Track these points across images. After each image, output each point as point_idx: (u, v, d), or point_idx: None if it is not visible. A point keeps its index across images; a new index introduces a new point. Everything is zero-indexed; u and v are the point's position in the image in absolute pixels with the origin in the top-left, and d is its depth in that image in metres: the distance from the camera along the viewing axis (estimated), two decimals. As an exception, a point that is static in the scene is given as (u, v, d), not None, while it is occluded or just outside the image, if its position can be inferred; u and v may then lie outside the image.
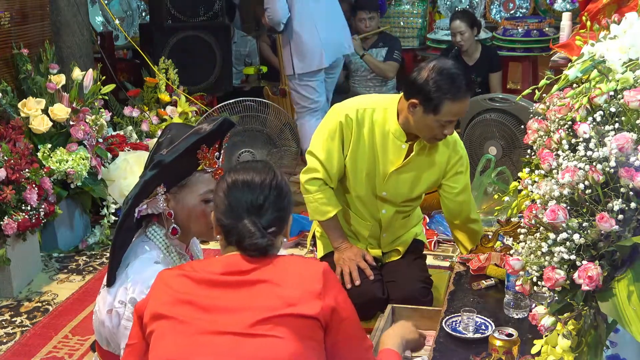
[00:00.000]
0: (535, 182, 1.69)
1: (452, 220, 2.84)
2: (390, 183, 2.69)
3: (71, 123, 3.75)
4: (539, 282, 1.57)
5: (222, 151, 1.93)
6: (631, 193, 1.46)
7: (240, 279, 1.56)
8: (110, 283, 1.85)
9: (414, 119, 2.52)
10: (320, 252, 2.93)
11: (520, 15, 5.92)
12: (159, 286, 1.60)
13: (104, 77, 4.13)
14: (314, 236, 3.00)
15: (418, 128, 2.55)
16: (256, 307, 1.52)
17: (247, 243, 1.57)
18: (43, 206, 3.40)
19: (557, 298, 1.58)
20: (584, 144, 1.56)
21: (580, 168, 1.51)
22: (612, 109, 1.55)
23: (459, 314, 2.26)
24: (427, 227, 3.85)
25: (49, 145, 3.68)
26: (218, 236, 1.68)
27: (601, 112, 1.57)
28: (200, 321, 1.52)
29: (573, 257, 1.49)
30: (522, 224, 1.70)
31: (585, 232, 1.49)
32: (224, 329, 1.51)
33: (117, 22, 5.30)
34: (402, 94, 2.60)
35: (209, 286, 1.56)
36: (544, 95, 1.84)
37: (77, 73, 3.94)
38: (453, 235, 2.92)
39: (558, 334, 1.57)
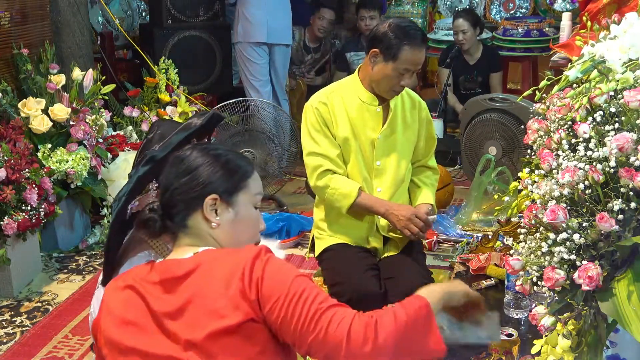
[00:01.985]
0: (535, 182, 1.69)
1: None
2: (379, 151, 2.77)
3: (71, 123, 3.75)
4: (539, 282, 1.58)
5: None
6: (631, 193, 1.46)
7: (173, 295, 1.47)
8: (105, 283, 1.85)
9: (374, 70, 2.67)
10: (316, 252, 2.94)
11: (520, 15, 5.92)
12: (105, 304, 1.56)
13: (104, 77, 4.13)
14: (312, 239, 3.01)
15: (378, 80, 2.68)
16: (189, 327, 1.43)
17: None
18: (43, 206, 3.40)
19: (557, 298, 1.58)
20: (584, 144, 1.56)
21: (580, 168, 1.51)
22: (612, 109, 1.55)
23: (459, 314, 2.26)
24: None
25: (49, 145, 3.67)
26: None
27: (601, 112, 1.57)
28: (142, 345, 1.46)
29: (573, 257, 1.50)
30: (522, 224, 1.71)
31: (585, 232, 1.49)
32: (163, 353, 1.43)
33: (117, 22, 5.30)
34: (359, 67, 2.79)
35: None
36: (544, 95, 1.84)
37: (77, 73, 3.94)
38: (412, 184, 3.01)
39: (558, 334, 1.57)
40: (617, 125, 1.53)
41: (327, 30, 5.65)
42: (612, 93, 1.57)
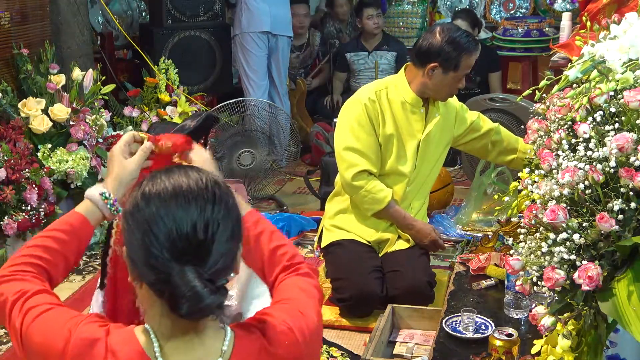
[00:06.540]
0: (535, 182, 1.69)
1: (509, 154, 3.02)
2: (421, 150, 2.85)
3: (71, 123, 3.75)
4: (539, 282, 1.57)
5: (207, 147, 1.92)
6: (631, 193, 1.46)
7: None
8: (102, 287, 1.85)
9: (432, 82, 2.73)
10: (323, 244, 2.97)
11: (520, 15, 5.91)
12: None
13: (104, 77, 4.13)
14: (322, 231, 3.03)
15: (436, 89, 2.75)
16: None
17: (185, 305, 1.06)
18: (43, 206, 3.40)
19: (557, 298, 1.58)
20: (584, 144, 1.56)
21: (580, 168, 1.51)
22: (612, 109, 1.55)
23: (459, 314, 2.27)
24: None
25: (49, 145, 3.67)
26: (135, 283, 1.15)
27: (601, 112, 1.57)
28: None
29: (573, 257, 1.49)
30: (522, 224, 1.70)
31: (585, 232, 1.49)
32: None
33: (117, 22, 5.30)
34: (405, 65, 2.83)
35: None
36: (544, 95, 1.84)
37: (77, 73, 3.94)
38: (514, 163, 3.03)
39: (558, 334, 1.57)
40: (617, 125, 1.53)
41: (305, 26, 5.59)
42: (612, 93, 1.57)
